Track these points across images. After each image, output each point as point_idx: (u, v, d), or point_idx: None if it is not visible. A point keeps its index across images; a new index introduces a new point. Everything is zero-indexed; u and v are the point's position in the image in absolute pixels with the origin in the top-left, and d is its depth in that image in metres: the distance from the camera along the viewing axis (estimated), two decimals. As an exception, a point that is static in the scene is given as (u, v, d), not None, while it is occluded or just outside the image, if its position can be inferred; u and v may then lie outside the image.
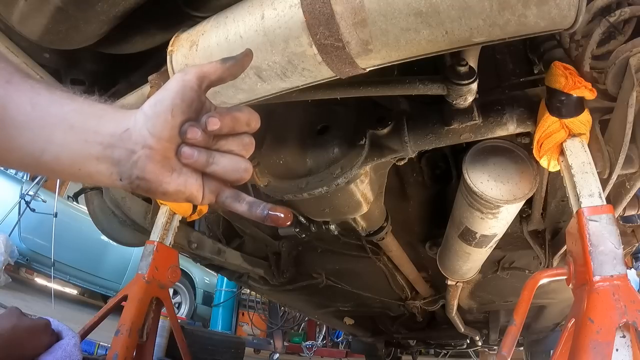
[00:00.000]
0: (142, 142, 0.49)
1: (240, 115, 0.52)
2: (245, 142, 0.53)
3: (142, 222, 1.67)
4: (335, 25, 0.68)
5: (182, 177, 0.51)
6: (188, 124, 0.50)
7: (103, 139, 0.49)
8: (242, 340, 3.91)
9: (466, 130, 1.10)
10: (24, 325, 1.04)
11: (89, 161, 0.49)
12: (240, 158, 0.53)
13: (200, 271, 6.55)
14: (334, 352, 6.87)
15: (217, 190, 0.54)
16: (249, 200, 0.54)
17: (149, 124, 0.49)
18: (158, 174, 0.50)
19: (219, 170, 0.52)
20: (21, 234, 4.54)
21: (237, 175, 0.53)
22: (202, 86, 0.51)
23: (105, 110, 0.51)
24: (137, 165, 0.49)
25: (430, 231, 1.89)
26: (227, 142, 0.53)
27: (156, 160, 0.49)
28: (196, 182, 0.52)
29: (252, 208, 0.53)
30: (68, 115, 0.49)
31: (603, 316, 0.79)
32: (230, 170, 0.52)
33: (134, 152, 0.49)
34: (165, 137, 0.49)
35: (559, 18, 0.64)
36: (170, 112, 0.49)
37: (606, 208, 0.87)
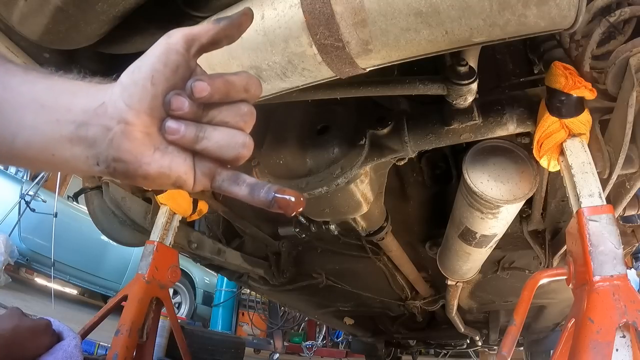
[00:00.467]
0: (118, 117, 0.41)
1: (235, 79, 0.43)
2: (243, 112, 0.44)
3: (142, 222, 1.67)
4: (335, 25, 0.68)
5: (167, 157, 0.42)
6: (172, 92, 0.42)
7: (75, 117, 0.42)
8: (242, 340, 3.91)
9: (466, 130, 1.10)
10: (25, 326, 1.04)
11: (61, 144, 0.42)
12: (237, 131, 0.44)
13: (200, 271, 6.55)
14: (334, 352, 6.87)
15: (212, 172, 0.45)
16: (250, 182, 0.44)
17: (125, 94, 0.42)
18: (136, 153, 0.41)
19: (211, 146, 0.43)
20: (21, 234, 4.54)
21: (234, 151, 0.43)
22: (190, 50, 0.43)
23: (79, 86, 0.44)
24: (112, 144, 0.41)
25: (430, 231, 1.89)
26: (221, 112, 0.43)
27: (133, 137, 0.41)
28: (185, 163, 0.43)
29: (254, 191, 0.44)
30: (39, 94, 0.43)
31: (603, 316, 0.79)
32: (225, 145, 0.43)
33: (110, 128, 0.41)
34: (145, 110, 0.41)
35: (559, 18, 0.64)
36: (150, 80, 0.41)
37: (606, 208, 0.87)
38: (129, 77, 0.42)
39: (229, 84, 0.43)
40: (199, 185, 0.45)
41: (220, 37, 0.45)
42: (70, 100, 0.43)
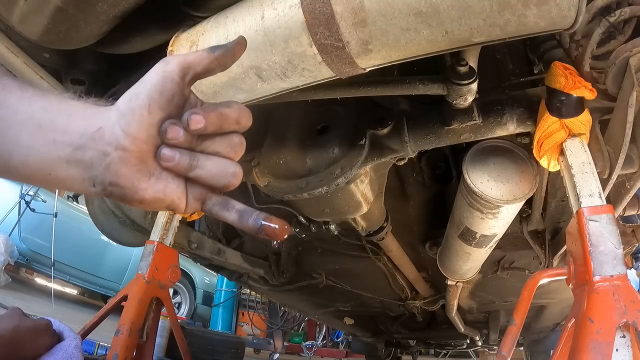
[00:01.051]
0: (116, 143, 0.43)
1: (228, 111, 0.45)
2: (234, 143, 0.46)
3: (142, 222, 1.67)
4: (335, 25, 0.68)
5: (162, 183, 0.45)
6: (168, 122, 0.43)
7: (72, 139, 0.43)
8: (242, 340, 3.91)
9: (466, 130, 1.10)
10: (25, 326, 1.04)
11: (58, 165, 0.43)
12: (228, 161, 0.46)
13: (200, 271, 6.55)
14: (334, 352, 6.88)
15: (203, 197, 0.48)
16: (239, 208, 0.47)
17: (123, 121, 0.43)
18: (133, 180, 0.44)
19: (203, 175, 0.45)
20: (21, 234, 4.55)
21: (225, 180, 0.46)
22: (185, 78, 0.45)
23: (76, 107, 0.45)
24: (109, 169, 0.43)
25: (430, 231, 1.89)
26: (214, 143, 0.46)
27: (131, 164, 0.43)
28: (178, 189, 0.46)
29: (242, 217, 0.46)
30: (36, 114, 0.43)
31: (603, 316, 0.79)
32: (216, 174, 0.46)
33: (107, 154, 0.43)
34: (142, 137, 0.43)
35: (559, 18, 0.64)
36: (147, 108, 0.43)
37: (606, 208, 0.87)
38: (127, 104, 0.43)
39: (223, 117, 0.45)
40: (191, 209, 0.48)
41: (215, 66, 0.47)
42: (67, 122, 0.44)
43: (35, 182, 0.46)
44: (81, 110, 0.45)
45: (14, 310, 1.08)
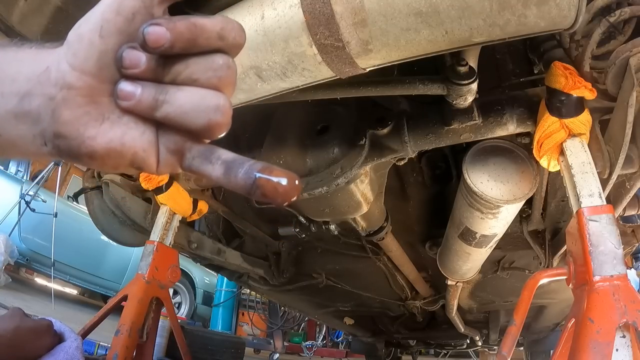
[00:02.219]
0: (62, 82, 0.33)
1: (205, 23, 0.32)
2: (216, 65, 0.33)
3: (142, 222, 1.67)
4: (335, 25, 0.68)
5: (119, 129, 0.33)
6: (125, 46, 0.32)
7: (20, 87, 0.34)
8: (242, 340, 3.90)
9: (466, 130, 1.10)
10: (26, 326, 1.04)
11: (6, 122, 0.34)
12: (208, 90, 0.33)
13: (200, 271, 6.55)
14: (334, 352, 6.87)
15: (180, 148, 0.34)
16: (226, 158, 0.33)
17: (70, 53, 0.33)
18: (78, 126, 0.32)
19: (173, 112, 0.32)
20: (21, 234, 4.54)
21: (204, 117, 0.32)
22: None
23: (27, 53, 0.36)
24: (54, 117, 0.33)
25: (430, 231, 1.89)
26: (188, 67, 0.33)
27: (76, 105, 0.32)
28: (142, 137, 0.33)
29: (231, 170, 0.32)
30: None
31: (603, 316, 0.79)
32: (190, 110, 0.32)
33: (53, 97, 0.33)
34: (91, 70, 0.32)
35: (559, 18, 0.64)
36: (99, 32, 0.32)
37: (606, 208, 0.87)
38: (75, 31, 0.33)
39: (197, 29, 0.32)
40: (165, 166, 0.35)
41: None
42: (17, 69, 0.35)
43: None
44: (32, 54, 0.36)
45: (15, 311, 1.07)
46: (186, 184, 1.60)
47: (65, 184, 6.73)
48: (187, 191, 1.63)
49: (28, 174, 4.99)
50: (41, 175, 4.81)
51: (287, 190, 0.30)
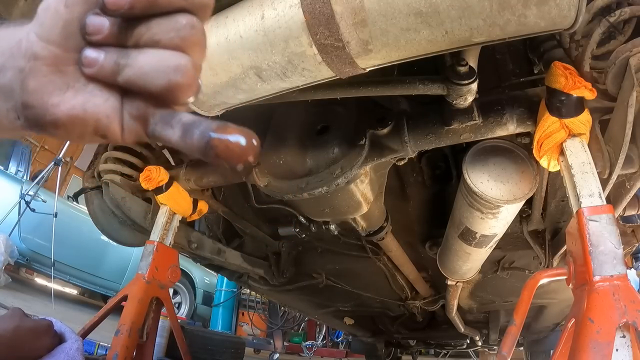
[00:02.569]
0: (30, 53, 0.33)
1: None
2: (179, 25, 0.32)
3: (142, 222, 1.67)
4: (335, 25, 0.68)
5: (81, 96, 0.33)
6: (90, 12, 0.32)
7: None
8: (242, 340, 3.90)
9: (466, 130, 1.10)
10: (26, 327, 1.03)
11: None
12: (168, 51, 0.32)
13: (200, 271, 6.55)
14: (334, 352, 6.87)
15: (144, 114, 0.34)
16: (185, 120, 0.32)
17: (37, 24, 0.33)
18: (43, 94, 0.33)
19: (133, 75, 0.32)
20: (21, 234, 4.54)
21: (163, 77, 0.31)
22: None
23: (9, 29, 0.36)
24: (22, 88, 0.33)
25: (430, 231, 1.89)
26: (150, 29, 0.32)
27: (41, 74, 0.33)
28: (106, 104, 0.33)
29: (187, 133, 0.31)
30: None
31: (603, 316, 0.79)
32: (149, 71, 0.32)
33: (22, 69, 0.33)
34: (56, 39, 0.33)
35: (559, 18, 0.64)
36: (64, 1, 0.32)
37: (606, 208, 0.87)
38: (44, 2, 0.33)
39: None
40: (129, 133, 0.34)
41: None
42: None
43: None
44: (13, 30, 0.35)
45: (15, 311, 1.07)
46: (186, 184, 1.60)
47: (65, 184, 6.74)
48: (187, 191, 1.63)
49: (28, 174, 4.99)
50: (41, 175, 4.81)
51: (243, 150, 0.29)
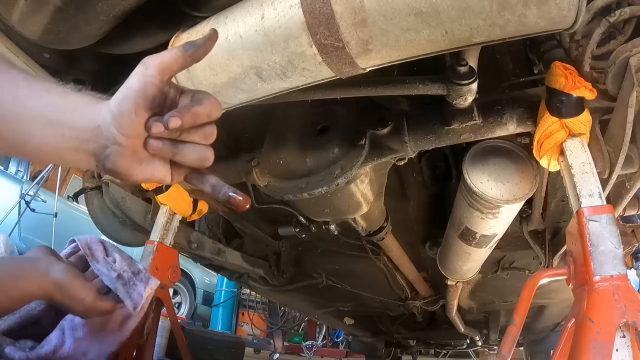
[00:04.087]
0: (112, 139, 0.53)
1: (200, 110, 0.53)
2: (206, 133, 0.56)
3: (142, 222, 1.67)
4: (335, 25, 0.68)
5: (150, 167, 0.56)
6: (152, 120, 0.53)
7: (78, 134, 0.53)
8: (242, 340, 3.91)
9: (466, 130, 1.10)
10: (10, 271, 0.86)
11: (67, 152, 0.54)
12: (202, 148, 0.57)
13: (200, 271, 6.55)
14: (334, 352, 6.87)
15: (184, 172, 0.59)
16: (212, 182, 0.59)
17: (116, 123, 0.52)
18: (128, 167, 0.55)
19: (184, 160, 0.57)
20: (21, 234, 4.54)
21: (199, 163, 0.57)
22: (164, 79, 0.53)
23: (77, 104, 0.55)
24: (109, 159, 0.54)
25: (430, 231, 1.89)
26: (190, 134, 0.55)
27: (125, 156, 0.54)
28: (163, 168, 0.58)
29: (215, 189, 0.59)
30: (44, 110, 0.53)
31: (603, 316, 0.79)
32: (194, 160, 0.57)
33: (106, 147, 0.53)
34: (132, 134, 0.53)
35: (559, 18, 0.64)
36: (134, 112, 0.52)
37: (606, 208, 0.87)
38: (117, 107, 0.52)
39: (195, 115, 0.53)
40: (175, 181, 0.60)
41: (188, 63, 0.54)
42: (71, 118, 0.54)
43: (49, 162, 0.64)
44: (82, 107, 0.55)
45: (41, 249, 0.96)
46: (186, 184, 1.59)
47: (65, 184, 6.73)
48: (187, 191, 1.63)
49: (28, 174, 4.99)
50: (41, 175, 4.81)
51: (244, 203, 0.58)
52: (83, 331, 0.98)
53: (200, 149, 0.57)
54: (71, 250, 1.04)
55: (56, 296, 0.87)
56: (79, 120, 0.54)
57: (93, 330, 1.00)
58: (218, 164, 1.53)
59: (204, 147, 0.57)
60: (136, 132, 0.53)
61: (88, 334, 0.99)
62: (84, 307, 0.90)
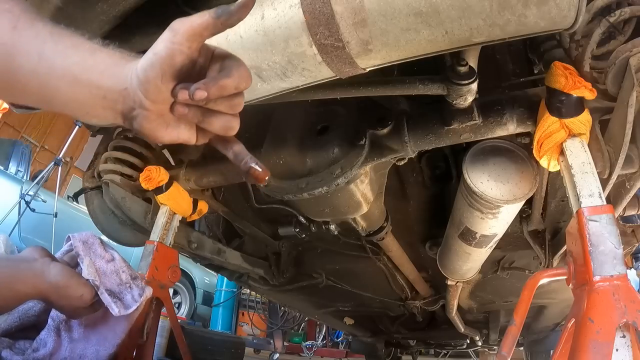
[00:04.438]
0: (139, 103, 0.53)
1: (227, 82, 0.52)
2: (233, 104, 0.55)
3: (142, 222, 1.67)
4: (335, 25, 0.68)
5: (176, 130, 0.57)
6: (179, 87, 0.52)
7: (105, 94, 0.53)
8: (242, 340, 3.90)
9: (466, 130, 1.10)
10: None
11: (94, 109, 0.55)
12: (229, 118, 0.56)
13: (200, 271, 6.55)
14: (334, 352, 6.86)
15: (209, 136, 0.59)
16: (235, 150, 0.59)
17: (142, 88, 0.52)
18: (154, 130, 0.55)
19: (209, 128, 0.57)
20: (21, 234, 4.54)
21: (224, 132, 0.57)
22: (192, 47, 0.51)
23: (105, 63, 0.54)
24: (136, 120, 0.54)
25: (430, 231, 1.89)
26: (216, 104, 0.54)
27: (151, 120, 0.54)
28: (189, 132, 0.58)
29: (237, 157, 0.58)
30: (72, 68, 0.52)
31: (603, 316, 0.79)
32: (219, 129, 0.56)
33: (133, 108, 0.54)
34: (158, 100, 0.53)
35: (559, 18, 0.64)
36: (160, 79, 0.51)
37: (606, 208, 0.87)
38: (144, 73, 0.51)
39: (222, 88, 0.52)
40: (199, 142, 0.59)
41: (219, 29, 0.51)
42: (99, 79, 0.53)
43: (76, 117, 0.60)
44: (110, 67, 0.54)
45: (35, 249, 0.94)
46: (186, 184, 1.60)
47: (65, 184, 6.74)
48: (187, 191, 1.63)
49: (28, 174, 4.99)
50: (41, 175, 4.81)
51: (263, 175, 0.58)
52: (78, 333, 0.99)
53: (226, 119, 0.56)
54: (68, 248, 1.04)
55: (51, 297, 0.87)
56: (107, 81, 0.53)
57: (88, 332, 1.00)
58: (218, 163, 1.54)
59: (230, 116, 0.56)
60: (162, 98, 0.53)
61: (84, 336, 0.99)
62: (83, 303, 0.90)
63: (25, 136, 8.87)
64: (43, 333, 0.95)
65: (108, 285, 0.96)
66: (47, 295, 0.87)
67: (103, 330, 1.01)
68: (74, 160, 8.14)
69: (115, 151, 1.61)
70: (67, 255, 1.02)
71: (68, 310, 0.91)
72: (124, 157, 1.60)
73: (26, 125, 9.09)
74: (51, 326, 0.96)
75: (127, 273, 1.01)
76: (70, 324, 0.99)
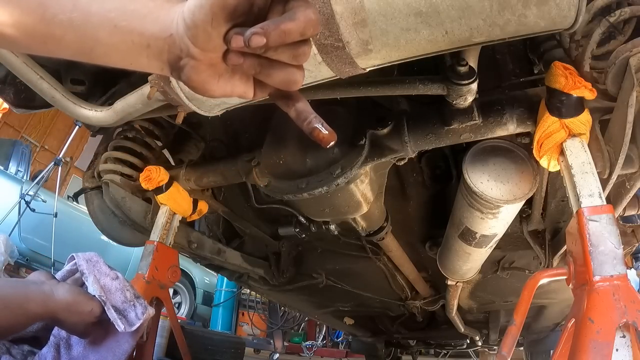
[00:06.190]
0: (186, 51, 0.47)
1: (291, 27, 0.43)
2: (297, 53, 0.46)
3: (142, 222, 1.67)
4: (335, 25, 0.68)
5: (230, 82, 0.49)
6: (233, 32, 0.44)
7: (149, 42, 0.48)
8: (242, 340, 3.91)
9: (466, 130, 1.10)
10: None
11: (138, 59, 0.49)
12: (291, 70, 0.47)
13: (200, 271, 6.55)
14: (334, 352, 6.86)
15: (268, 90, 0.51)
16: (298, 107, 0.50)
17: (189, 33, 0.45)
18: (203, 82, 0.49)
19: (269, 81, 0.49)
20: (21, 234, 4.54)
21: (286, 86, 0.49)
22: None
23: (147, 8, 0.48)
24: (183, 72, 0.48)
25: (430, 231, 1.89)
26: (277, 52, 0.46)
27: (201, 70, 0.48)
28: (245, 85, 0.50)
29: (300, 116, 0.50)
30: (110, 15, 0.47)
31: (603, 316, 0.79)
32: (280, 82, 0.48)
33: (180, 58, 0.47)
34: (209, 48, 0.46)
35: (559, 18, 0.64)
36: (210, 24, 0.44)
37: (606, 208, 0.87)
38: (191, 17, 0.45)
39: (285, 34, 0.43)
40: (257, 98, 0.52)
41: None
42: (141, 26, 0.48)
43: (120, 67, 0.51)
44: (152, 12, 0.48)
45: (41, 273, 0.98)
46: (186, 184, 1.60)
47: (65, 184, 6.74)
48: (187, 191, 1.63)
49: (28, 174, 4.99)
50: (41, 175, 4.80)
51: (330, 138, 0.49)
52: (77, 352, 1.00)
53: (288, 71, 0.47)
54: (70, 267, 1.06)
55: (61, 315, 0.89)
56: (150, 28, 0.47)
57: (88, 351, 1.02)
58: (218, 163, 1.54)
59: (293, 68, 0.48)
60: (213, 45, 0.45)
61: (83, 353, 1.00)
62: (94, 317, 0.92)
63: (25, 136, 8.88)
64: (45, 349, 0.97)
65: (113, 301, 0.98)
66: (58, 314, 0.89)
67: (102, 350, 1.02)
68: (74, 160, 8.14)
69: (115, 151, 1.62)
70: (70, 279, 1.05)
71: (79, 327, 0.93)
72: (124, 157, 1.61)
73: (26, 125, 9.10)
74: (52, 342, 0.99)
75: (130, 291, 1.03)
76: (70, 342, 1.01)
